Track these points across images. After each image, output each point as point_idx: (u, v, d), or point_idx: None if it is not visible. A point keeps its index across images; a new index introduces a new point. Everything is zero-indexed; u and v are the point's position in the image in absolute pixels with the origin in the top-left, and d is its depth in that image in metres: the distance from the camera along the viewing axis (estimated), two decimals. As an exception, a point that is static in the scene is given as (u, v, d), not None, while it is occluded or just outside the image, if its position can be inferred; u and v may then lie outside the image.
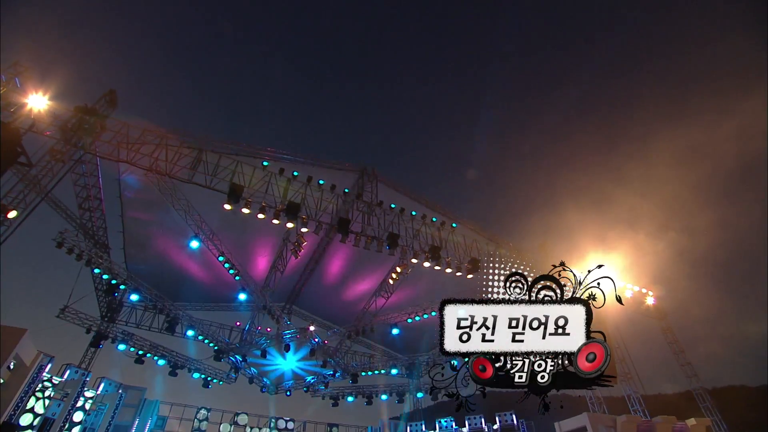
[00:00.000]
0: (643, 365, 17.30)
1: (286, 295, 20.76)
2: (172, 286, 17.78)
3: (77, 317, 15.98)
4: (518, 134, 61.44)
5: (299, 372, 20.47)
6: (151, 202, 14.19)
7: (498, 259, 17.25)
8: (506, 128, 61.49)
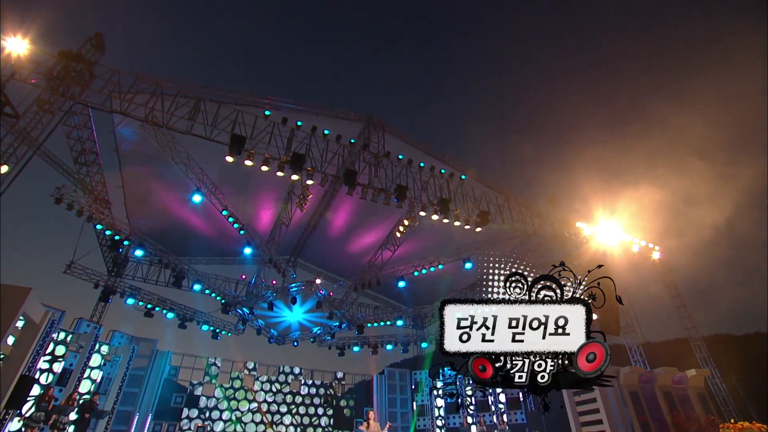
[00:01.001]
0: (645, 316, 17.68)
1: (291, 248, 20.69)
2: (176, 240, 17.57)
3: (84, 272, 15.90)
4: (528, 88, 59.46)
5: (306, 323, 20.86)
6: (149, 156, 13.61)
7: (507, 211, 17.00)
8: (515, 80, 59.36)
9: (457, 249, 17.82)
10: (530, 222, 16.95)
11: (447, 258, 17.80)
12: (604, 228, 17.13)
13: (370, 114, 15.25)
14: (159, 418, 16.14)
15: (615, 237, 17.23)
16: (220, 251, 19.49)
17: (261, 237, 17.33)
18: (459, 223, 15.45)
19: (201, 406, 17.10)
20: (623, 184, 18.11)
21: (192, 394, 17.16)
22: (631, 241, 17.59)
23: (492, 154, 49.72)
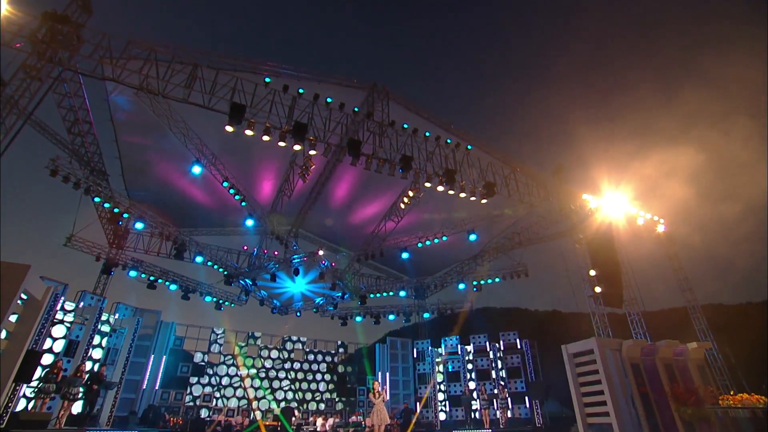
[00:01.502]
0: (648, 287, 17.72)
1: (293, 219, 20.48)
2: (176, 211, 17.29)
3: (84, 245, 15.71)
4: (535, 56, 57.52)
5: (308, 294, 20.96)
6: (146, 125, 13.09)
7: (514, 183, 16.67)
8: (522, 48, 57.33)
9: (461, 220, 17.63)
10: (536, 193, 16.68)
11: (451, 230, 17.66)
12: (610, 200, 16.90)
13: (374, 81, 14.63)
14: (166, 386, 16.43)
15: (620, 209, 17.04)
16: (221, 222, 19.25)
17: (263, 208, 17.05)
18: (465, 194, 15.18)
19: (207, 374, 17.39)
20: (630, 155, 17.70)
21: (198, 364, 17.41)
22: (636, 214, 17.41)
23: (498, 124, 48.72)
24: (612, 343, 12.68)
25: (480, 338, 19.01)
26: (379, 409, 9.54)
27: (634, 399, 11.83)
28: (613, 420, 11.32)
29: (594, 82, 50.29)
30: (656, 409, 11.78)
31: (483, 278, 19.82)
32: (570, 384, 12.82)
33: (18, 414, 9.56)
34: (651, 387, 12.07)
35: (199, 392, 16.90)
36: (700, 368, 12.94)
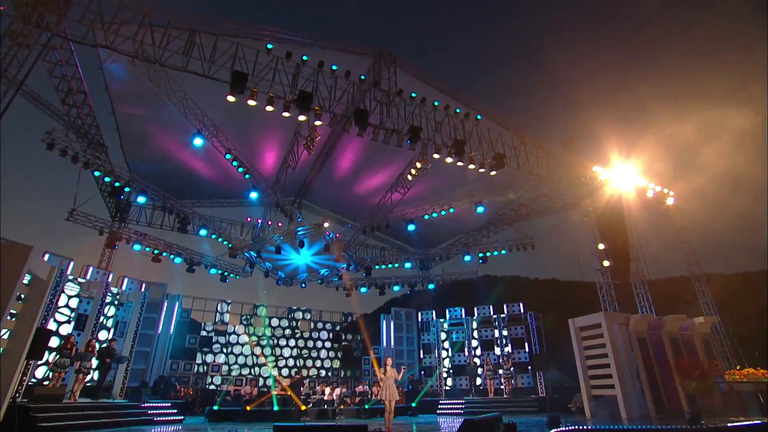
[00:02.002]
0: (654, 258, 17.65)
1: (296, 190, 20.17)
2: (178, 184, 16.96)
3: (87, 220, 15.48)
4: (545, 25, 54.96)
5: (313, 265, 20.95)
6: (143, 95, 12.51)
7: (523, 154, 16.21)
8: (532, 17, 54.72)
9: (469, 192, 17.31)
10: (546, 165, 16.29)
11: (458, 201, 17.37)
12: (620, 172, 16.53)
13: (380, 48, 13.89)
14: (175, 357, 16.69)
15: (631, 181, 16.69)
16: (224, 194, 18.96)
17: (267, 180, 16.68)
18: (473, 166, 14.81)
19: (215, 346, 17.63)
20: (642, 127, 17.15)
21: (205, 335, 17.61)
22: (646, 186, 17.08)
23: (508, 96, 47.17)
24: (619, 318, 12.74)
25: (485, 308, 19.16)
26: (389, 385, 9.60)
27: (639, 372, 11.99)
28: (618, 392, 11.51)
29: (606, 54, 48.38)
30: (660, 382, 11.97)
31: (489, 250, 19.74)
32: (576, 357, 12.99)
33: (33, 389, 9.67)
34: (656, 360, 12.22)
35: (207, 363, 17.18)
36: (705, 342, 13.07)
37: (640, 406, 11.54)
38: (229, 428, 10.22)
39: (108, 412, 10.34)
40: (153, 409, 11.65)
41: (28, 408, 9.05)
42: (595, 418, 11.50)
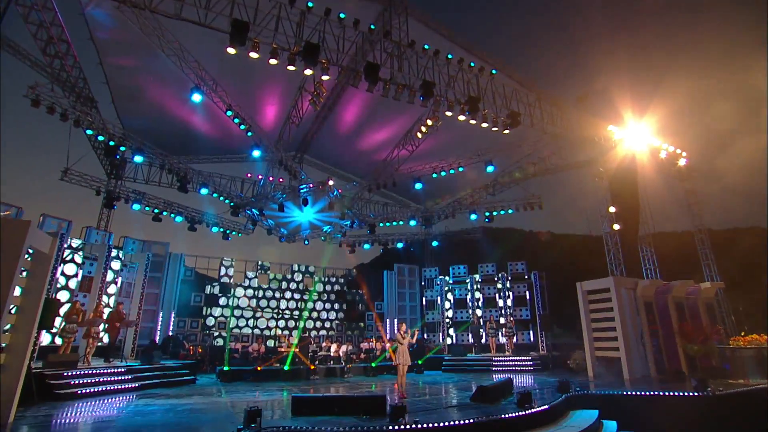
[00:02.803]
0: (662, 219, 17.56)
1: (297, 144, 19.40)
2: (175, 140, 16.12)
3: (82, 179, 14.77)
4: None
5: (316, 222, 20.68)
6: (133, 45, 11.38)
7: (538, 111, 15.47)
8: None
9: (478, 150, 16.72)
10: (560, 124, 15.64)
11: (468, 159, 16.82)
12: (634, 131, 15.93)
13: (391, -8, 12.65)
14: (181, 316, 16.80)
15: (644, 142, 16.17)
16: (223, 149, 18.17)
17: (269, 137, 15.88)
18: (486, 124, 14.16)
19: (220, 303, 17.71)
20: (655, 85, 16.31)
21: (210, 293, 17.62)
22: (659, 147, 16.57)
23: (522, 53, 44.22)
24: (628, 282, 12.81)
25: (488, 267, 19.28)
26: (403, 351, 9.70)
27: (644, 336, 12.26)
28: (622, 355, 11.82)
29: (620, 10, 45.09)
30: (663, 345, 12.29)
31: (495, 209, 19.50)
32: (582, 319, 13.18)
33: (48, 356, 9.64)
34: (661, 324, 12.46)
35: (213, 321, 17.36)
36: (708, 307, 13.30)
37: (642, 367, 11.92)
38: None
39: (122, 377, 10.42)
40: (165, 370, 11.81)
41: (44, 375, 9.08)
42: (598, 378, 11.90)
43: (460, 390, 10.70)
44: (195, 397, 9.54)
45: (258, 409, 6.48)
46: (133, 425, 6.73)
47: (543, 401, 8.31)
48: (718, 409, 8.57)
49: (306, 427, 6.43)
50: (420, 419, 6.71)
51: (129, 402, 8.81)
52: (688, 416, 8.57)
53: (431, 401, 9.09)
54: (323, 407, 7.67)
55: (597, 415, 8.46)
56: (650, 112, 16.73)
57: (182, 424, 6.82)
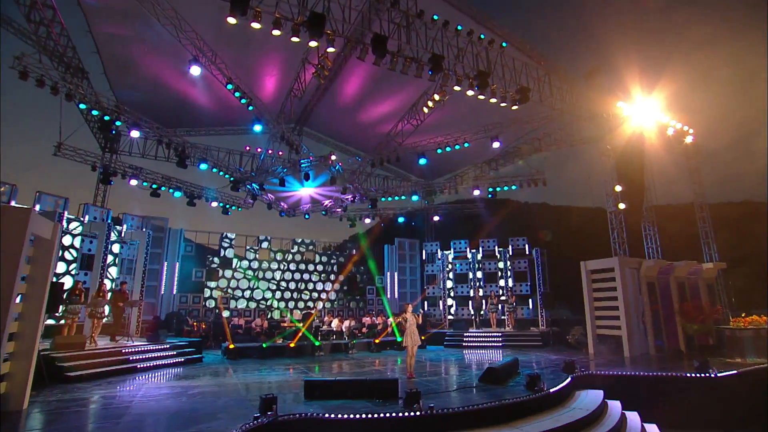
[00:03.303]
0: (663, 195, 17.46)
1: (297, 116, 18.82)
2: (171, 112, 15.51)
3: (76, 153, 14.21)
4: None
5: (317, 197, 20.42)
6: (125, 13, 10.65)
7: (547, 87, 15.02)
8: None
9: (484, 125, 16.32)
10: (568, 99, 15.23)
11: (474, 135, 16.43)
12: (642, 108, 15.58)
13: (399, -46, 11.88)
14: (183, 291, 16.76)
15: (652, 118, 15.85)
16: (220, 122, 17.57)
17: (270, 111, 15.29)
18: (495, 100, 13.74)
19: (221, 278, 17.65)
20: (665, 58, 15.77)
21: (211, 268, 17.53)
22: (667, 124, 16.27)
23: (532, 21, 42.06)
24: (632, 262, 12.89)
25: (489, 242, 19.33)
26: (412, 331, 9.76)
27: (645, 315, 12.46)
28: (623, 333, 12.04)
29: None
30: (663, 324, 12.53)
31: (498, 185, 19.31)
32: (585, 298, 13.34)
33: (55, 339, 9.57)
34: (662, 304, 12.66)
35: (215, 296, 17.35)
36: (709, 287, 13.50)
37: (641, 345, 12.20)
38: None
39: (130, 357, 10.43)
40: (172, 349, 11.83)
41: (53, 357, 9.04)
42: (599, 356, 12.17)
43: (466, 369, 10.90)
44: (205, 378, 9.60)
45: (273, 397, 6.50)
46: (149, 412, 6.74)
47: (550, 382, 8.45)
48: (720, 390, 8.82)
49: (322, 414, 6.48)
50: (435, 405, 6.78)
51: (140, 384, 8.84)
52: (690, 397, 8.83)
53: (440, 382, 9.22)
54: (336, 391, 7.73)
55: (603, 395, 8.67)
56: (659, 87, 16.35)
57: (198, 411, 6.84)
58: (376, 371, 10.84)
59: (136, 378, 9.48)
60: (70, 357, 9.30)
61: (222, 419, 6.46)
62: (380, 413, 6.53)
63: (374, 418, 6.48)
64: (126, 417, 6.41)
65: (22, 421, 6.22)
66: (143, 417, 6.49)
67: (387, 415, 6.50)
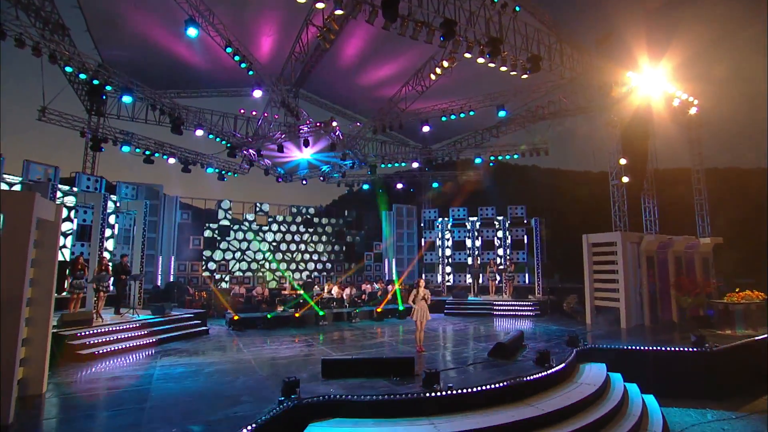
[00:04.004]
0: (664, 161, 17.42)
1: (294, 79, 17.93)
2: (161, 72, 14.52)
3: (62, 118, 13.28)
4: None
5: (315, 162, 19.93)
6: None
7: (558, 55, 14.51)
8: None
9: (489, 92, 15.83)
10: (577, 67, 14.78)
11: (480, 103, 15.96)
12: (649, 78, 15.23)
13: None
14: (181, 259, 16.54)
15: (659, 88, 15.56)
16: (213, 84, 16.60)
17: (270, 75, 14.40)
18: (505, 68, 13.26)
19: (220, 246, 17.44)
20: (675, 23, 15.20)
21: (209, 236, 17.24)
22: (673, 95, 16.02)
23: None
24: (633, 237, 13.11)
25: (487, 210, 19.37)
26: (422, 307, 9.90)
27: (642, 287, 12.86)
28: (621, 305, 12.45)
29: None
30: (658, 297, 12.98)
31: (501, 153, 19.08)
32: (585, 270, 13.63)
33: (63, 316, 9.40)
34: (659, 277, 13.05)
35: (214, 265, 17.20)
36: (704, 261, 13.91)
37: (637, 316, 12.68)
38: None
39: (138, 333, 10.38)
40: (178, 321, 11.78)
41: (62, 335, 8.91)
42: (596, 326, 12.63)
43: (473, 341, 11.19)
44: (216, 354, 9.64)
45: (296, 380, 6.58)
46: (170, 394, 6.74)
47: (556, 357, 8.73)
48: (714, 363, 9.30)
49: (345, 395, 6.59)
50: (453, 385, 6.97)
51: (153, 362, 8.79)
52: (686, 369, 9.31)
53: (449, 357, 9.47)
54: (353, 369, 7.88)
55: (605, 368, 9.07)
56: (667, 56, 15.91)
57: (220, 393, 6.87)
58: (385, 343, 11.07)
59: (146, 354, 9.45)
60: (79, 335, 9.19)
61: (246, 402, 6.51)
62: (402, 394, 6.69)
63: (396, 399, 6.65)
64: (149, 401, 6.39)
65: (44, 407, 6.18)
66: (166, 400, 6.49)
67: (408, 395, 6.67)
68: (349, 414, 6.47)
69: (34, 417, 5.79)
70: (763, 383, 9.74)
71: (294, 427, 6.08)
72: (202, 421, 5.65)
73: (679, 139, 17.19)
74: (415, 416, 6.52)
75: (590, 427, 6.96)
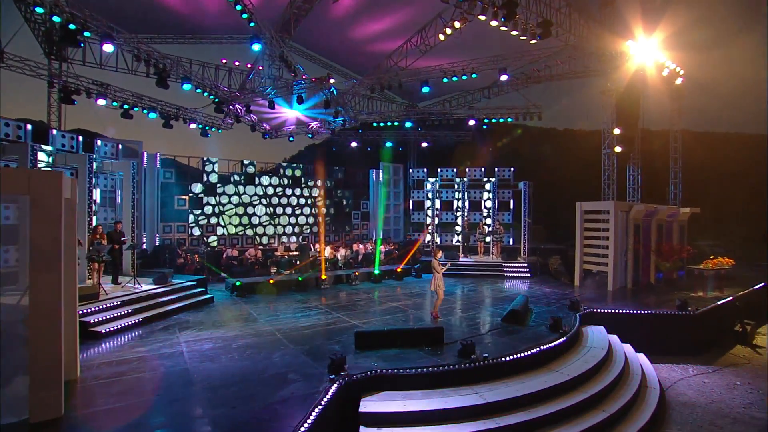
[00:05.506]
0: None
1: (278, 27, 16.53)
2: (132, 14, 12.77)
3: (24, 65, 11.41)
4: None
5: (304, 119, 18.98)
6: None
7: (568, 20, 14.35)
8: None
9: (495, 56, 15.45)
10: (585, 36, 14.68)
11: (482, 66, 15.59)
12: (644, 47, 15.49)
13: None
14: (166, 221, 15.65)
15: (652, 57, 15.91)
16: (192, 29, 14.92)
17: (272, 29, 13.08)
18: (516, 32, 12.95)
19: (206, 207, 16.60)
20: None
21: (194, 196, 16.32)
22: (663, 64, 16.47)
23: None
24: (624, 206, 13.91)
25: (476, 171, 19.58)
26: (439, 278, 10.22)
27: (627, 253, 13.88)
28: (609, 270, 13.45)
29: None
30: (640, 261, 14.12)
31: (494, 116, 19.02)
32: (576, 236, 14.42)
33: (69, 292, 8.76)
34: (643, 243, 14.10)
35: (201, 225, 16.42)
36: (681, 228, 15.13)
37: (621, 279, 13.78)
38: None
39: (146, 304, 9.98)
40: (181, 291, 11.38)
41: (73, 314, 8.38)
42: (583, 289, 13.64)
43: (481, 306, 11.72)
44: (235, 326, 9.49)
45: (343, 357, 6.75)
46: (212, 375, 6.61)
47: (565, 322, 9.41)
48: (695, 324, 10.47)
49: (390, 370, 6.82)
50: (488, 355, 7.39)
51: (173, 338, 8.50)
52: (670, 329, 10.47)
53: (464, 324, 9.90)
54: (385, 340, 8.13)
55: (605, 331, 9.96)
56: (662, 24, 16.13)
57: (263, 372, 6.80)
58: (397, 308, 11.36)
59: (160, 327, 9.16)
60: (89, 311, 8.70)
61: (295, 381, 6.56)
62: (443, 365, 7.04)
63: (438, 370, 6.99)
64: (196, 385, 6.26)
65: (88, 394, 5.93)
66: (212, 380, 6.37)
67: (450, 367, 7.04)
68: (396, 387, 6.76)
69: (84, 406, 5.55)
70: (731, 338, 11.20)
71: (349, 402, 6.30)
72: (265, 404, 5.67)
73: (668, 107, 17.92)
74: (458, 385, 6.92)
75: (608, 387, 7.75)
